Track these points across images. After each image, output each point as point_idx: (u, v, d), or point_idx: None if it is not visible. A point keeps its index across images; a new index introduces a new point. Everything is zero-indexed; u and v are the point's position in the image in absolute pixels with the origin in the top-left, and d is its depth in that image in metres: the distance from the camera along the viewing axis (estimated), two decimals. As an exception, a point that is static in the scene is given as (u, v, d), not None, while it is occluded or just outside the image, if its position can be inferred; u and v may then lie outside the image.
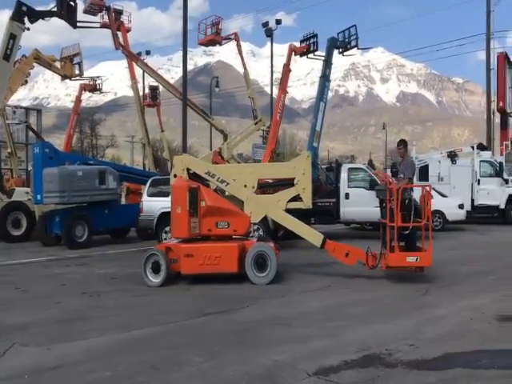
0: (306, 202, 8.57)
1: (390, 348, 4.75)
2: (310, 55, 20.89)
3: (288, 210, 8.73)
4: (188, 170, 8.55)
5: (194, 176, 8.54)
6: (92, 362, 4.58)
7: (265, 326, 5.70)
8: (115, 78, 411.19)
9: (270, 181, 10.14)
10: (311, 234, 8.59)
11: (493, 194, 17.79)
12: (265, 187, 9.81)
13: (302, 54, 20.92)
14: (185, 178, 8.44)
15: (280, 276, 8.16)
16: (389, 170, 25.59)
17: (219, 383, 4.07)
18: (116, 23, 23.79)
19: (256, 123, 26.34)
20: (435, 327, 5.50)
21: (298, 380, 4.08)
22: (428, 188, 7.96)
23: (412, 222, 7.75)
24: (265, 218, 9.59)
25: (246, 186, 8.55)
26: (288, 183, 8.88)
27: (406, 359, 4.47)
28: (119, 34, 24.25)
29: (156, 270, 7.98)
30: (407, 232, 7.87)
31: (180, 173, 8.50)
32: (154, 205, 12.72)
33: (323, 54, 19.48)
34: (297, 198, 8.61)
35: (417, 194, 8.72)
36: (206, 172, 8.61)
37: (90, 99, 68.93)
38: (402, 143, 9.03)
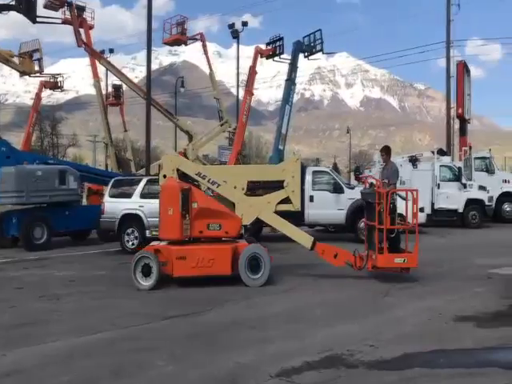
0: (296, 205, 8.62)
1: (352, 349, 4.82)
2: (276, 58, 21.07)
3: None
4: (177, 170, 8.42)
5: (182, 177, 8.42)
6: (49, 368, 4.45)
7: (229, 328, 5.68)
8: (77, 76, 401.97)
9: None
10: (302, 236, 8.68)
11: (452, 197, 18.31)
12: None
13: (268, 57, 21.07)
14: (175, 178, 8.29)
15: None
16: (352, 174, 26.03)
17: (181, 387, 4.03)
18: (78, 20, 23.31)
19: (222, 125, 26.33)
20: (395, 328, 5.62)
21: (261, 382, 4.08)
22: (415, 193, 8.19)
23: (395, 225, 8.15)
24: None
25: (235, 187, 8.53)
26: (271, 186, 8.97)
27: (367, 360, 4.55)
28: (82, 30, 23.77)
29: (146, 273, 7.76)
30: (393, 234, 8.16)
31: (170, 173, 8.32)
32: (116, 206, 12.48)
33: (289, 57, 19.67)
34: (286, 201, 8.64)
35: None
36: (196, 173, 8.50)
37: (50, 97, 67.08)
38: (385, 149, 9.27)
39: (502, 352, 4.87)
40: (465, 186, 18.40)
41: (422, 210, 17.31)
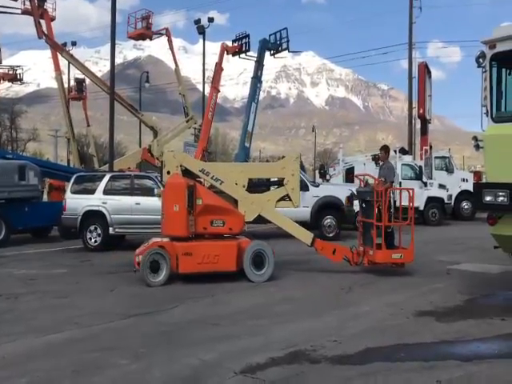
0: (295, 202, 8.75)
1: (315, 344, 4.88)
2: (242, 55, 21.01)
3: None
4: (180, 166, 8.36)
5: (185, 173, 8.38)
6: (6, 369, 4.32)
7: (193, 326, 5.65)
8: (38, 68, 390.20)
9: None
10: (302, 233, 8.79)
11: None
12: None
13: (234, 54, 20.99)
14: (180, 174, 8.24)
15: (209, 275, 8.12)
16: (317, 172, 26.34)
17: (144, 386, 3.98)
18: (39, 10, 22.61)
19: (187, 121, 26.09)
20: (357, 323, 5.73)
21: (225, 379, 4.08)
22: (411, 192, 8.66)
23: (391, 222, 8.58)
24: None
25: (236, 184, 8.55)
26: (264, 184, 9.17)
27: (330, 355, 4.62)
28: (42, 22, 23.05)
29: (154, 269, 7.71)
30: (389, 230, 8.53)
31: (174, 170, 8.28)
32: (78, 202, 12.19)
33: (255, 54, 19.66)
34: (285, 198, 8.76)
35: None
36: (200, 170, 8.49)
37: (9, 89, 64.95)
38: (384, 148, 9.57)
39: (460, 345, 5.04)
40: (425, 184, 18.87)
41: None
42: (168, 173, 8.31)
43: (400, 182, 19.18)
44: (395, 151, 21.36)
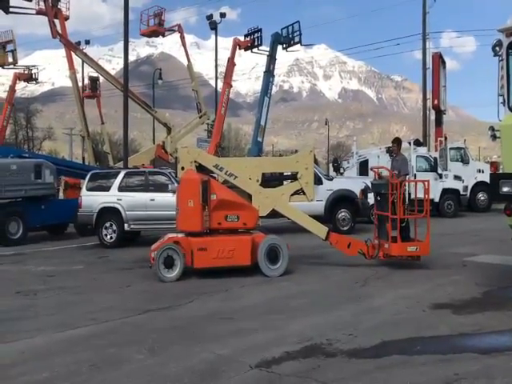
0: (309, 196, 8.72)
1: (330, 338, 4.87)
2: (255, 50, 21.00)
3: None
4: (194, 162, 8.41)
5: (199, 169, 8.43)
6: (27, 364, 4.40)
7: (208, 320, 5.68)
8: (53, 68, 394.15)
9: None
10: (316, 227, 8.78)
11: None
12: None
13: (246, 49, 20.98)
14: (194, 170, 8.30)
15: (222, 270, 8.15)
16: (331, 165, 26.20)
17: (161, 380, 4.02)
18: (53, 10, 22.81)
19: (200, 117, 26.16)
20: (373, 316, 5.70)
21: (241, 373, 4.10)
22: (427, 184, 8.61)
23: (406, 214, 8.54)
24: None
25: (250, 179, 8.57)
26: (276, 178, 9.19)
27: (345, 348, 4.61)
28: (57, 21, 23.26)
29: (168, 264, 7.77)
30: (404, 225, 8.47)
31: (188, 165, 8.33)
32: (93, 199, 12.31)
33: (267, 49, 19.62)
34: (299, 192, 8.75)
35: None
36: (214, 165, 8.52)
37: (25, 89, 65.75)
38: (396, 141, 9.51)
39: (477, 338, 4.98)
40: (440, 176, 18.66)
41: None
42: (182, 169, 8.35)
43: (415, 174, 19.01)
44: (409, 143, 21.16)
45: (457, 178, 18.97)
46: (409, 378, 3.97)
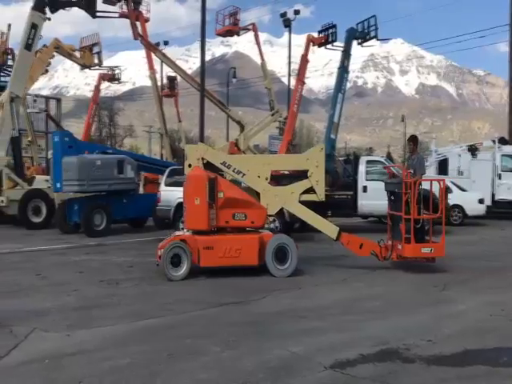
0: (320, 195, 8.49)
1: (408, 343, 4.70)
2: (329, 46, 20.68)
3: (305, 203, 8.68)
4: (202, 159, 8.39)
5: (207, 166, 8.38)
6: (109, 350, 4.63)
7: (281, 317, 5.69)
8: (134, 68, 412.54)
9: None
10: (327, 227, 8.59)
11: (514, 188, 17.46)
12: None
13: (320, 45, 20.71)
14: (201, 167, 8.29)
15: (295, 268, 8.13)
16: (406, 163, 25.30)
17: (236, 373, 4.08)
18: (135, 13, 23.81)
19: (273, 114, 26.21)
20: (454, 323, 5.44)
21: (315, 373, 4.06)
22: (442, 183, 8.27)
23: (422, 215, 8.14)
24: (281, 210, 9.53)
25: (259, 176, 8.46)
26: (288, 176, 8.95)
27: (424, 355, 4.42)
28: (138, 24, 24.29)
29: (176, 263, 7.79)
30: (419, 225, 8.08)
31: (195, 162, 8.29)
32: (171, 194, 12.75)
33: (342, 44, 19.26)
34: (310, 191, 8.54)
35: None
36: (221, 162, 8.43)
37: (108, 89, 69.43)
38: (412, 139, 9.06)
39: None
40: (528, 176, 17.46)
41: (481, 201, 16.65)
42: (189, 166, 8.26)
43: (499, 174, 17.94)
44: (494, 141, 20.00)
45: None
46: (494, 390, 3.75)
